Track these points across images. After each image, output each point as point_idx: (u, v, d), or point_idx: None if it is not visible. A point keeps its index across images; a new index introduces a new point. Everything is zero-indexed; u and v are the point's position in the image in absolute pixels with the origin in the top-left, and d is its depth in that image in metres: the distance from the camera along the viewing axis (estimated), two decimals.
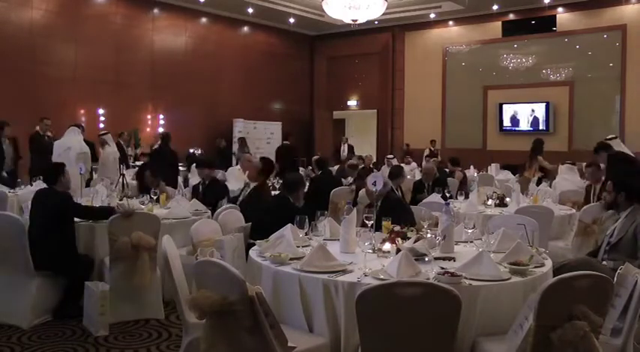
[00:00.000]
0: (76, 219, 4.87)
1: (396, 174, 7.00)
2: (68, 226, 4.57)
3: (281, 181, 8.64)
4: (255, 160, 9.89)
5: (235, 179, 8.66)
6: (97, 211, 4.80)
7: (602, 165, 6.54)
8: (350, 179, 9.37)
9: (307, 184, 8.14)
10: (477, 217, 5.47)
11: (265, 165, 6.21)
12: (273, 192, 6.37)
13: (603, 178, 6.21)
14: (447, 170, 9.78)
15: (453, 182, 8.83)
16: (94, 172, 9.54)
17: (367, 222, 3.56)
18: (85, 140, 9.24)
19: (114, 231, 4.38)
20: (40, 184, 7.23)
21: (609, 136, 8.13)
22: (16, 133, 9.41)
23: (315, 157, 10.65)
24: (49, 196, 4.64)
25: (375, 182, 3.94)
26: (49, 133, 9.35)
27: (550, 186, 7.87)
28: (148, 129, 14.37)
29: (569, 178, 8.05)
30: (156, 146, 10.63)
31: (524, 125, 14.96)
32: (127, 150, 11.82)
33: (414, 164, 13.27)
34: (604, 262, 4.19)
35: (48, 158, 8.58)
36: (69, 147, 8.54)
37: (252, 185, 6.15)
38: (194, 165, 10.20)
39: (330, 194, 7.30)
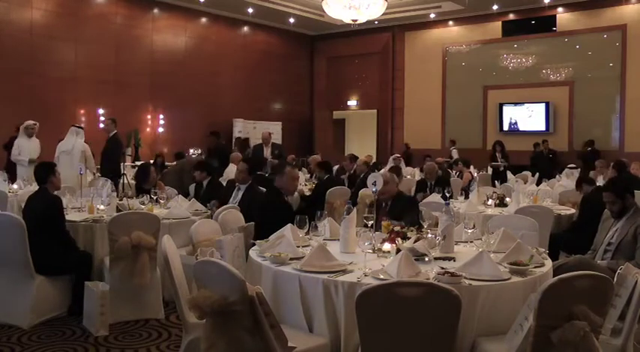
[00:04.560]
0: (74, 219, 4.89)
1: (395, 174, 7.00)
2: (60, 228, 4.56)
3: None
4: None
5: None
6: (68, 237, 4.68)
7: None
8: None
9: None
10: (477, 217, 5.47)
11: (254, 167, 6.21)
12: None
13: None
14: (454, 171, 9.80)
15: (456, 182, 8.84)
16: (94, 171, 9.53)
17: (367, 222, 3.56)
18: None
19: (114, 231, 4.37)
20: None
21: None
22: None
23: (315, 156, 10.62)
24: (40, 200, 4.63)
25: (374, 182, 3.94)
26: None
27: None
28: (148, 129, 14.38)
29: (566, 185, 8.03)
30: None
31: (525, 125, 14.96)
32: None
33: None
34: (601, 262, 4.18)
35: None
36: (68, 149, 8.54)
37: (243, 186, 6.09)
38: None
39: (326, 194, 7.30)
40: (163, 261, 3.25)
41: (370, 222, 3.54)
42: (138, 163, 10.74)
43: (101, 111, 13.09)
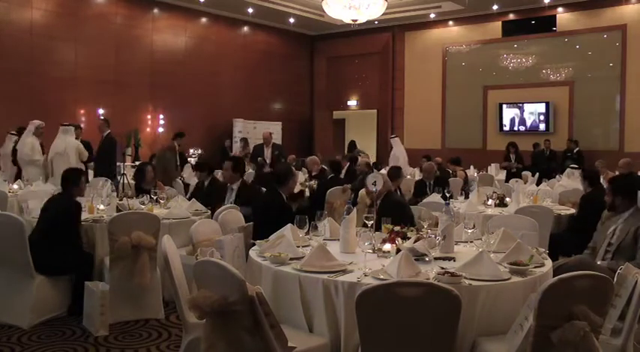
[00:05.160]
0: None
1: (395, 174, 6.98)
2: (75, 230, 4.59)
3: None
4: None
5: None
6: (79, 238, 4.70)
7: None
8: None
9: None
10: (477, 217, 5.48)
11: (238, 164, 6.21)
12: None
13: None
14: (450, 170, 9.81)
15: (456, 181, 8.84)
16: (89, 169, 9.54)
17: (367, 222, 3.56)
18: (82, 141, 9.30)
19: (114, 231, 4.38)
20: (38, 185, 7.26)
21: None
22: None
23: (313, 157, 10.58)
24: (62, 201, 4.68)
25: (375, 182, 3.95)
26: None
27: None
28: (148, 129, 14.38)
29: (566, 185, 8.02)
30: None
31: (524, 125, 14.96)
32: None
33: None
34: (601, 262, 4.18)
35: None
36: (61, 151, 8.51)
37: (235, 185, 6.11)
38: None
39: (326, 194, 7.31)
40: (163, 261, 3.25)
41: (370, 222, 3.54)
42: (138, 163, 10.74)
43: (101, 111, 13.08)
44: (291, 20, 16.09)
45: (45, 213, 4.64)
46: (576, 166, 8.89)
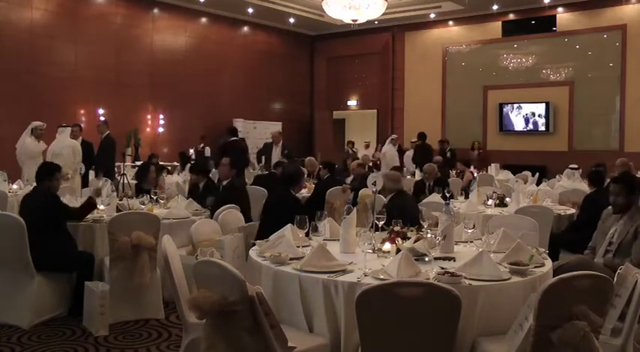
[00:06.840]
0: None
1: None
2: (59, 225, 4.56)
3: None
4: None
5: None
6: (81, 210, 4.75)
7: None
8: (349, 179, 9.34)
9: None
10: (477, 217, 5.48)
11: (235, 162, 6.36)
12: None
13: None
14: (454, 171, 9.80)
15: (455, 181, 8.85)
16: (86, 169, 9.55)
17: (377, 222, 3.57)
18: (83, 140, 9.32)
19: (114, 231, 4.37)
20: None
21: None
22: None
23: (310, 158, 10.56)
24: (35, 198, 4.63)
25: (374, 182, 3.95)
26: None
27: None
28: (148, 129, 14.38)
29: (567, 186, 8.02)
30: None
31: (524, 125, 14.96)
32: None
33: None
34: (599, 259, 4.18)
35: None
36: (57, 151, 8.50)
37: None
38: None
39: (326, 194, 7.30)
40: (163, 261, 3.25)
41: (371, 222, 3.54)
42: (138, 163, 10.75)
43: (101, 111, 13.08)
44: (291, 20, 16.09)
45: (25, 213, 4.58)
46: (576, 167, 8.87)
